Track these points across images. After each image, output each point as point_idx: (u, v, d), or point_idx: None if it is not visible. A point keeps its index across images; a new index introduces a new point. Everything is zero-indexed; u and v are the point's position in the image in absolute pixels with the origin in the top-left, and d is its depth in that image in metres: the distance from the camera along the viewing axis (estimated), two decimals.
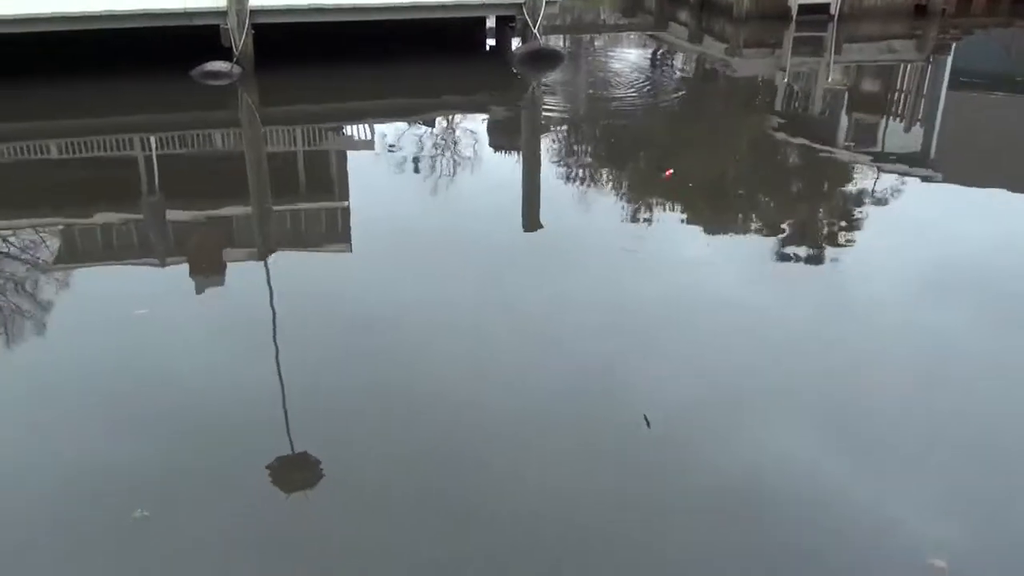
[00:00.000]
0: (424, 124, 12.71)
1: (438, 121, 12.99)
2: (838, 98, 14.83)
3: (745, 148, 12.16)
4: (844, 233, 8.95)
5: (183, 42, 13.89)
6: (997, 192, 9.96)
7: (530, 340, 6.46)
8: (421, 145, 11.70)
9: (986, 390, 5.89)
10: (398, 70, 15.20)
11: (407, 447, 5.20)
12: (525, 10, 15.19)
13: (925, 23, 19.44)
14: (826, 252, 8.40)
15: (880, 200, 9.90)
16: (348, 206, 9.78)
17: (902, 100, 14.93)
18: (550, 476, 4.94)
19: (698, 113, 14.24)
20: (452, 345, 6.36)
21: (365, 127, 13.08)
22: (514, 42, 15.88)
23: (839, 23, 19.22)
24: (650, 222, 9.22)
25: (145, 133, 12.05)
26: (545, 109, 13.95)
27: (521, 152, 12.00)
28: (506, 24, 15.99)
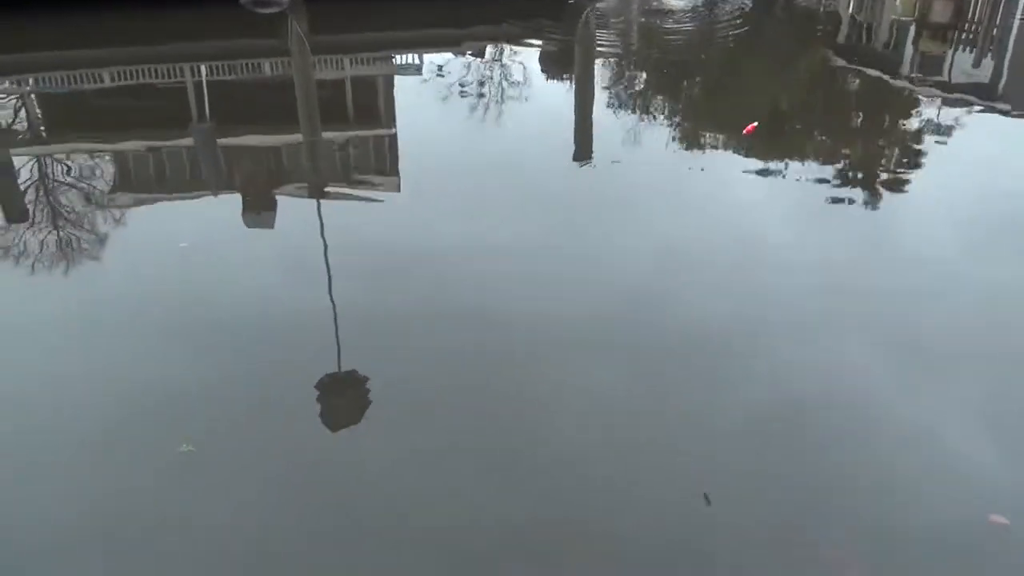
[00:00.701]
0: (475, 54, 12.50)
1: (489, 50, 12.77)
2: (904, 29, 14.23)
3: (805, 80, 11.75)
4: (903, 168, 8.67)
5: None
6: None
7: (579, 266, 6.37)
8: (473, 74, 11.52)
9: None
10: None
11: (459, 368, 5.20)
12: None
13: None
14: (882, 187, 8.14)
15: (943, 131, 9.54)
16: (395, 133, 9.69)
17: (972, 31, 14.28)
18: (596, 394, 4.93)
19: (757, 44, 13.78)
20: (500, 271, 6.31)
21: (414, 56, 12.90)
22: None
23: None
24: (703, 153, 9.00)
25: (195, 61, 12.04)
26: (599, 39, 13.62)
27: (574, 81, 11.75)
28: None
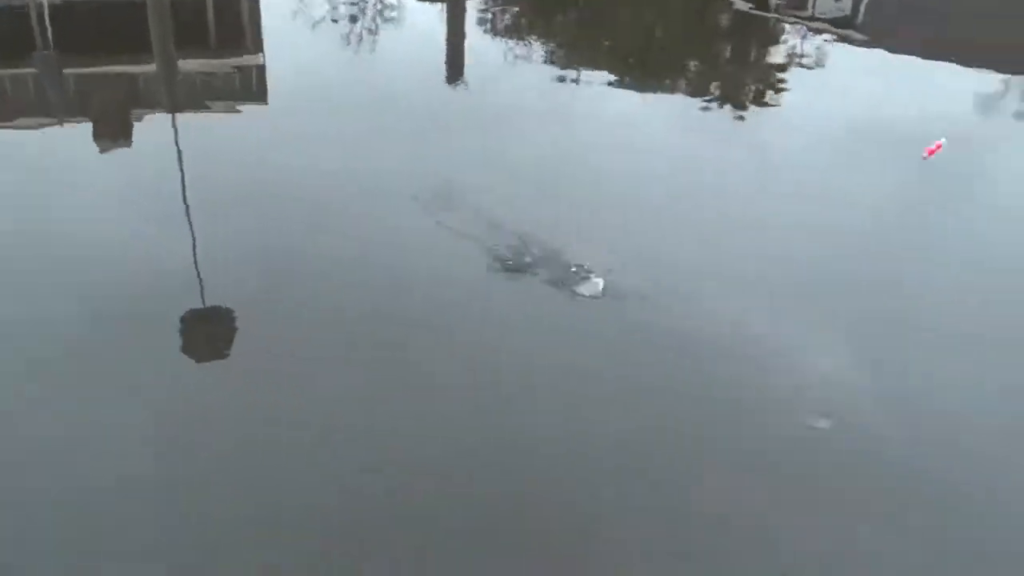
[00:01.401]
0: None
1: None
2: None
3: (673, 11, 11.92)
4: (761, 93, 9.11)
5: None
6: (911, 59, 10.01)
7: (448, 194, 6.30)
8: None
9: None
10: None
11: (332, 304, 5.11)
12: None
13: None
14: (741, 110, 8.60)
15: (802, 61, 9.97)
16: (263, 61, 9.30)
17: None
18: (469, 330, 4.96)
19: None
20: (370, 205, 6.19)
21: None
22: None
23: None
24: (577, 81, 9.06)
25: None
26: None
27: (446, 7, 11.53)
28: None
